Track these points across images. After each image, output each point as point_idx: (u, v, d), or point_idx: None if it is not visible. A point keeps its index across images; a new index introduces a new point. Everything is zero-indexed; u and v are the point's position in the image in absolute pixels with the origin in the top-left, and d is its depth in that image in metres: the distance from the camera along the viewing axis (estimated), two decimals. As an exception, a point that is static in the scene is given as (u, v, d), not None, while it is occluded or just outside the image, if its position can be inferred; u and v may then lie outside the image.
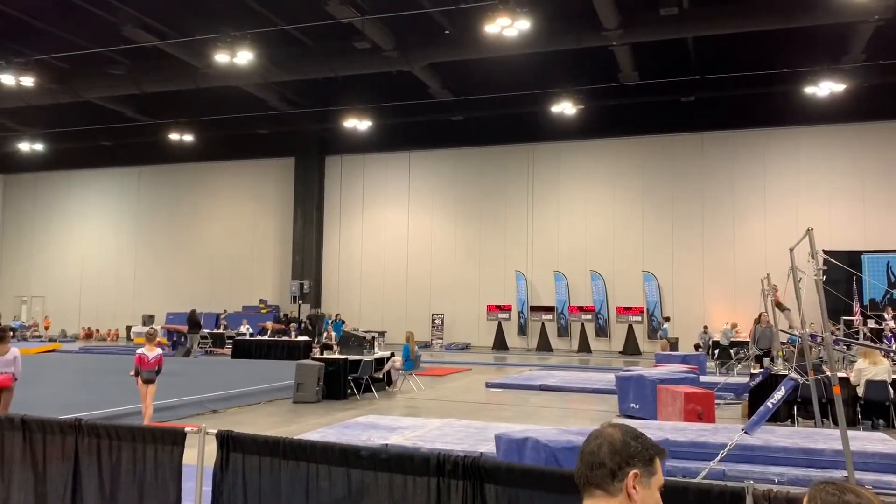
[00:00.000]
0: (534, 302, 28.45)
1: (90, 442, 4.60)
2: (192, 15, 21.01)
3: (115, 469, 4.55)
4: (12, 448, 4.79)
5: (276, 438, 4.39)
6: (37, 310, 35.74)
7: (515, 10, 17.54)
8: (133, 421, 8.99)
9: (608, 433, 1.82)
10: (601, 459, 1.78)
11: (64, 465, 4.66)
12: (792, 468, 7.72)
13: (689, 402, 10.34)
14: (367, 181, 31.60)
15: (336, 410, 12.48)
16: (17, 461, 4.79)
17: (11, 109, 28.22)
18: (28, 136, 31.76)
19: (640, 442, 1.81)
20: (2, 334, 8.58)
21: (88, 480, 4.60)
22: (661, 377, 12.15)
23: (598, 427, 1.88)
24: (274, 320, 28.67)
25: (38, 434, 4.75)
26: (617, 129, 27.57)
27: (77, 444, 4.63)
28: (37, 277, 36.68)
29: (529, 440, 6.43)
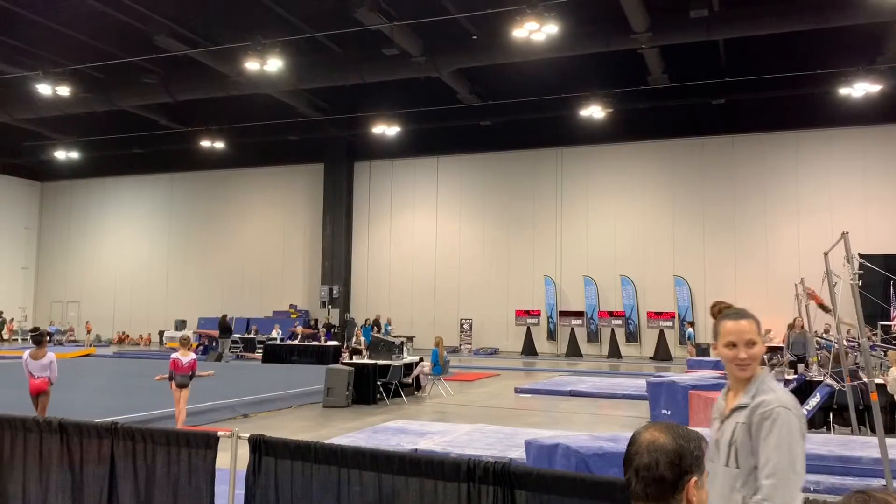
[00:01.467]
0: (563, 307, 28.31)
1: (126, 445, 4.68)
2: (223, 24, 21.30)
3: (150, 472, 4.61)
4: (50, 451, 4.89)
5: (308, 443, 4.42)
6: (72, 315, 36.39)
7: (543, 14, 17.52)
8: (167, 424, 9.10)
9: (660, 443, 1.72)
10: (660, 474, 1.70)
11: (100, 468, 4.74)
12: (828, 476, 7.58)
13: (721, 408, 10.19)
14: (395, 186, 31.73)
15: (366, 415, 12.53)
16: (54, 463, 4.88)
17: (48, 118, 28.84)
18: (64, 144, 32.41)
19: (691, 442, 1.74)
20: (39, 339, 8.76)
21: (124, 483, 4.67)
22: (693, 383, 12.01)
23: (641, 432, 1.80)
24: (303, 325, 28.91)
25: (75, 437, 4.84)
26: (646, 132, 27.36)
27: (113, 447, 4.70)
28: (72, 283, 37.38)
29: (560, 446, 6.40)
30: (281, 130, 29.64)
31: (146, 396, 13.25)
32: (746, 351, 2.57)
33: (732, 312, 2.68)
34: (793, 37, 20.12)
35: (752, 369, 2.57)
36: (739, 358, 2.57)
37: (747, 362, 2.56)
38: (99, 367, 21.17)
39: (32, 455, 4.93)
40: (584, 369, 22.17)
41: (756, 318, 2.67)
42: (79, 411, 10.12)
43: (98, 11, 20.24)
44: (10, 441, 5.03)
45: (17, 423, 5.05)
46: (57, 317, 36.16)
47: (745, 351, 2.57)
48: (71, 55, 23.23)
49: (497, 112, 26.54)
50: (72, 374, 17.11)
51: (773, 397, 2.43)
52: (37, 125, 30.34)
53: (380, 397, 14.07)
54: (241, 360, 25.05)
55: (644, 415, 12.57)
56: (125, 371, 19.55)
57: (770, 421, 2.38)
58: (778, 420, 2.36)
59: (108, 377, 17.93)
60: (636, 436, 1.78)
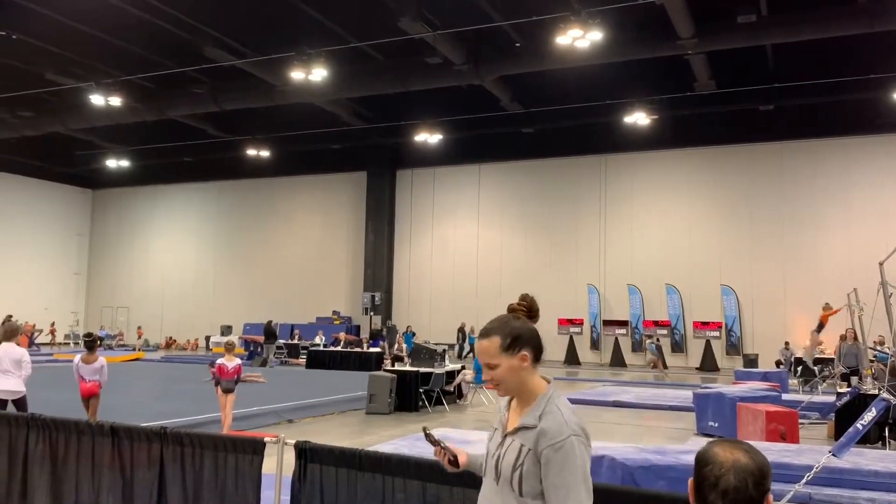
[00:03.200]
0: (606, 316, 27.99)
1: (174, 450, 4.75)
2: (269, 34, 21.64)
3: (197, 476, 4.67)
4: (102, 454, 4.98)
5: (353, 450, 4.44)
6: (121, 320, 37.25)
7: (587, 21, 17.42)
8: (212, 429, 9.23)
9: (744, 463, 1.69)
10: (750, 494, 1.68)
11: (150, 472, 4.82)
12: (884, 493, 7.32)
13: (771, 421, 9.97)
14: (437, 194, 31.81)
15: (408, 422, 12.54)
16: (106, 466, 4.97)
17: (100, 128, 29.65)
18: (115, 153, 33.27)
19: (764, 459, 1.73)
20: (91, 344, 8.96)
21: (172, 487, 4.74)
22: (742, 395, 11.76)
23: (717, 452, 1.75)
24: (346, 331, 29.13)
25: (125, 441, 4.93)
26: (692, 138, 26.98)
27: (162, 451, 4.78)
28: (122, 288, 38.28)
29: (605, 458, 6.31)
30: (325, 139, 29.99)
31: (193, 401, 13.48)
32: (488, 373, 2.34)
33: (483, 329, 2.40)
34: (843, 41, 19.65)
35: (506, 390, 2.34)
36: (488, 380, 2.36)
37: (496, 384, 2.34)
38: (147, 371, 21.60)
39: (85, 457, 5.04)
40: (628, 380, 21.88)
41: (507, 331, 2.34)
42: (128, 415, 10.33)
43: (148, 23, 20.74)
44: (64, 443, 5.14)
45: (70, 425, 5.17)
46: (107, 321, 37.05)
47: (486, 373, 2.35)
48: (122, 66, 23.86)
49: (540, 119, 26.45)
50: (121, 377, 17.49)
51: (560, 423, 2.19)
52: (89, 135, 31.22)
53: (422, 405, 14.07)
54: (286, 365, 25.33)
55: (690, 427, 12.35)
56: (172, 375, 19.92)
57: (563, 453, 2.14)
58: (571, 451, 2.14)
59: (156, 381, 18.28)
60: (711, 456, 1.73)
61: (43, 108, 28.18)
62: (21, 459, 5.29)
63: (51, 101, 27.41)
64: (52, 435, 5.21)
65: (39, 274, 36.58)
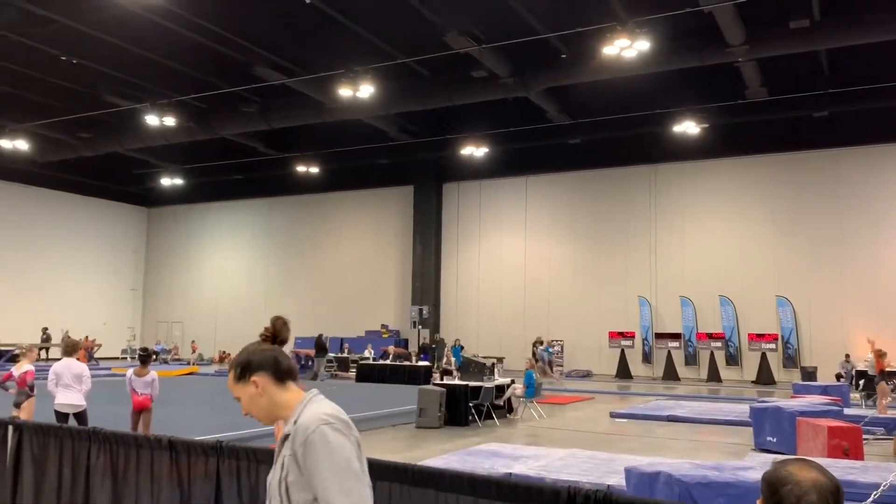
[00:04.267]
0: (658, 328, 27.53)
1: (230, 463, 4.79)
2: (317, 52, 22.01)
3: (253, 490, 4.71)
4: (160, 467, 5.07)
5: (405, 465, 4.42)
6: (176, 334, 38.06)
7: (635, 30, 17.28)
8: (265, 443, 9.33)
9: (823, 483, 1.67)
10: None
11: (206, 485, 4.88)
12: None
13: (833, 436, 9.63)
14: (483, 207, 31.79)
15: (458, 437, 12.48)
16: (164, 479, 5.05)
17: (155, 147, 30.50)
18: (169, 172, 34.17)
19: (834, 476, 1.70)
20: (145, 358, 9.16)
21: (229, 500, 4.79)
22: (801, 409, 11.39)
23: (792, 472, 1.71)
24: (395, 345, 29.24)
25: (183, 454, 5.00)
26: (744, 147, 26.46)
27: (219, 464, 4.83)
28: (176, 303, 39.15)
29: (662, 474, 6.17)
30: (372, 154, 30.30)
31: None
32: (245, 408, 2.28)
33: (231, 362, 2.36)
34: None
35: (259, 418, 2.28)
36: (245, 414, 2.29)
37: (249, 415, 2.28)
38: (201, 385, 21.99)
39: (144, 470, 5.13)
40: (682, 393, 21.44)
41: (236, 362, 2.34)
42: (184, 428, 10.51)
43: (201, 45, 21.30)
44: (124, 456, 5.25)
45: (130, 439, 5.28)
46: (162, 336, 37.90)
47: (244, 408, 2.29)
48: (176, 87, 24.54)
49: (587, 130, 26.27)
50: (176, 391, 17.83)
51: (309, 417, 2.09)
52: (144, 154, 32.14)
53: (472, 419, 14.00)
54: (336, 378, 25.52)
55: (747, 442, 12.02)
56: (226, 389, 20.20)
57: (314, 445, 2.03)
58: (322, 440, 2.03)
59: (210, 395, 18.59)
60: (787, 475, 1.68)
61: (101, 129, 29.13)
62: (83, 472, 5.42)
63: (108, 121, 28.32)
64: (113, 448, 5.32)
65: (98, 290, 37.67)
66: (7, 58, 23.20)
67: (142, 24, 20.01)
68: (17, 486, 5.76)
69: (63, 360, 8.66)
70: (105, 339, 32.42)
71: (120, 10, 19.15)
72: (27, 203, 34.57)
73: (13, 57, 23.18)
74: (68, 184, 35.55)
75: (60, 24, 20.39)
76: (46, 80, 25.18)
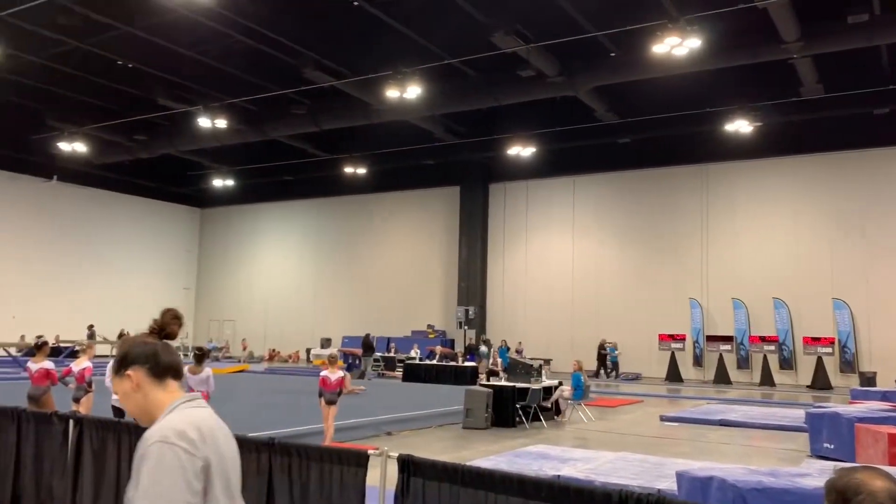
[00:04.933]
0: (710, 331, 27.00)
1: (282, 460, 4.86)
2: (366, 55, 22.19)
3: (304, 487, 4.76)
4: (214, 462, 5.15)
5: (455, 465, 4.42)
6: (227, 332, 38.78)
7: (686, 28, 16.98)
8: (315, 440, 9.44)
9: (888, 488, 1.61)
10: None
11: (259, 481, 4.95)
12: None
13: (894, 444, 9.32)
14: (530, 207, 31.63)
15: (505, 438, 12.44)
16: (218, 475, 5.13)
17: (207, 149, 31.15)
18: (221, 173, 34.84)
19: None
20: (201, 357, 9.35)
21: (280, 497, 4.85)
22: (860, 415, 11.05)
23: (864, 480, 1.65)
24: (441, 345, 29.29)
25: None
26: (800, 145, 25.78)
27: (271, 461, 4.90)
28: (228, 302, 39.90)
29: (715, 479, 6.04)
30: (419, 155, 30.41)
31: (296, 412, 13.84)
32: (122, 404, 2.13)
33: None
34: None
35: (133, 416, 2.14)
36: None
37: (130, 412, 2.15)
38: (252, 382, 22.36)
39: (198, 466, 5.22)
40: (734, 397, 21.01)
41: (116, 355, 2.21)
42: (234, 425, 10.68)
43: (252, 48, 21.66)
44: (179, 452, 5.35)
45: (185, 434, 5.38)
46: (214, 334, 38.66)
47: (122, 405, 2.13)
48: (228, 90, 25.01)
49: (636, 129, 25.92)
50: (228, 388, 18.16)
51: (157, 427, 1.96)
52: (197, 156, 32.84)
53: (519, 420, 13.94)
54: (382, 378, 25.69)
55: (802, 448, 11.71)
56: (276, 387, 20.53)
57: (143, 461, 1.89)
58: (150, 458, 1.88)
59: (261, 392, 18.89)
60: (859, 484, 1.62)
61: (155, 131, 29.87)
62: (140, 466, 5.54)
63: (163, 124, 29.01)
64: (168, 443, 5.43)
65: (152, 289, 38.56)
66: (67, 63, 23.95)
67: (195, 28, 20.44)
68: (77, 478, 5.93)
69: (120, 356, 8.87)
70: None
71: (174, 14, 19.59)
72: (85, 204, 35.61)
73: (73, 62, 23.93)
74: (124, 185, 36.52)
75: (118, 30, 20.97)
76: (104, 85, 25.92)
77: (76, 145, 28.31)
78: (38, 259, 33.55)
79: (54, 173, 33.39)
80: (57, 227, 34.42)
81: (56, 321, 31.21)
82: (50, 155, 30.60)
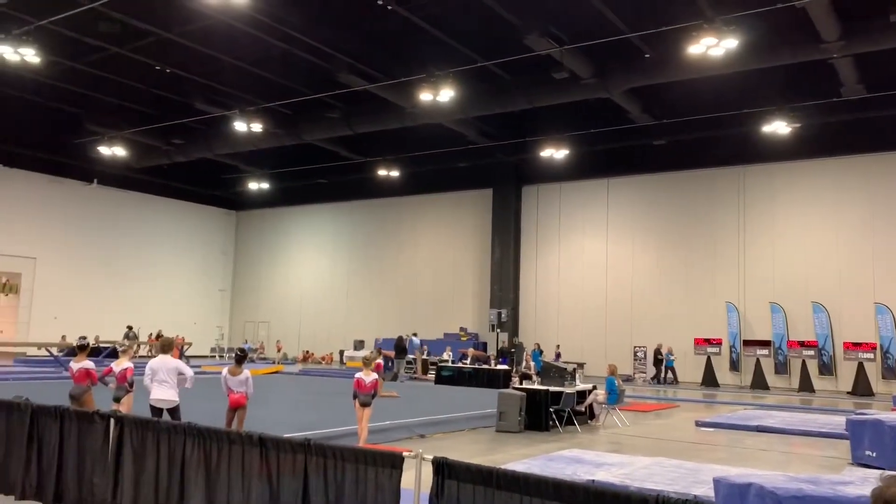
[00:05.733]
0: (747, 335, 26.56)
1: (318, 461, 4.90)
2: (399, 58, 22.30)
3: (339, 488, 4.80)
4: (251, 462, 5.22)
5: (490, 468, 4.41)
6: (262, 334, 39.21)
7: (722, 28, 16.76)
8: (349, 441, 9.49)
9: None
10: None
11: (294, 481, 5.00)
12: None
13: (940, 452, 9.08)
14: (563, 210, 31.45)
15: (538, 442, 12.38)
16: (254, 475, 5.21)
17: (243, 153, 31.56)
18: (256, 176, 35.26)
19: None
20: (241, 359, 9.47)
21: (316, 497, 4.89)
22: (904, 423, 10.79)
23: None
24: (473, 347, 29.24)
25: (272, 451, 5.14)
26: (840, 147, 25.26)
27: (306, 462, 4.94)
28: (263, 304, 40.34)
29: (753, 486, 5.94)
30: (452, 158, 30.45)
31: (330, 413, 13.93)
32: None
33: None
34: None
35: None
36: None
37: None
38: (286, 383, 22.56)
39: (236, 465, 5.30)
40: (772, 403, 20.64)
41: None
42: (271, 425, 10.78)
43: (288, 53, 21.91)
44: (216, 451, 5.44)
45: (222, 435, 5.46)
46: (249, 335, 39.11)
47: None
48: (263, 95, 25.32)
49: (671, 130, 25.64)
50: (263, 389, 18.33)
51: None
52: (233, 159, 33.29)
53: (552, 424, 13.86)
54: (415, 380, 25.73)
55: (843, 456, 11.47)
56: (310, 388, 20.68)
57: None
58: None
59: (296, 393, 19.05)
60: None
61: (192, 135, 30.35)
62: (179, 465, 5.64)
63: (199, 128, 29.45)
64: (206, 443, 5.52)
65: (188, 290, 39.21)
66: (107, 69, 24.46)
67: (231, 33, 20.73)
68: (118, 476, 6.04)
69: (159, 356, 9.04)
70: (195, 338, 33.68)
71: (211, 20, 19.89)
72: (124, 207, 36.30)
73: (112, 68, 24.43)
74: (161, 188, 37.16)
75: (156, 36, 21.36)
76: (142, 90, 26.42)
77: (116, 149, 28.87)
78: (79, 261, 34.29)
79: (95, 177, 34.13)
80: (97, 230, 35.14)
81: (96, 322, 31.86)
82: (90, 159, 31.27)
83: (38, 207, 32.85)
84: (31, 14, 18.94)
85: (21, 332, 31.93)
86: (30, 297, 32.66)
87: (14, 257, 31.98)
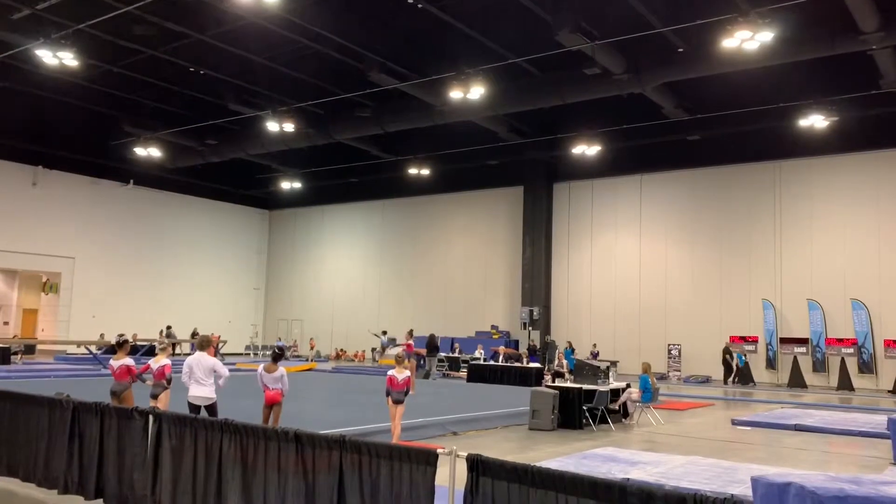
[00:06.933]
0: (784, 333, 26.13)
1: (353, 457, 4.92)
2: (429, 56, 22.31)
3: (374, 485, 4.82)
4: (287, 459, 5.27)
5: (525, 466, 4.40)
6: (295, 332, 39.56)
7: (757, 21, 16.49)
8: (382, 438, 9.53)
9: None
10: None
11: (330, 478, 5.03)
12: None
13: None
14: (595, 207, 31.21)
15: (572, 440, 12.32)
16: (290, 471, 5.25)
17: (275, 152, 31.85)
18: (288, 176, 35.59)
19: None
20: (278, 356, 9.56)
21: (351, 494, 4.92)
22: (948, 422, 10.54)
23: None
24: (505, 345, 29.19)
25: (308, 447, 5.18)
26: (879, 140, 24.69)
27: (341, 458, 4.97)
28: (296, 302, 40.71)
29: (793, 486, 5.83)
30: (482, 155, 30.40)
31: (363, 410, 14.01)
32: None
33: None
34: None
35: None
36: None
37: None
38: (320, 381, 22.73)
39: (272, 462, 5.36)
40: (810, 402, 20.29)
41: None
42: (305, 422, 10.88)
43: (319, 53, 22.06)
44: (253, 448, 5.50)
45: (259, 431, 5.52)
46: (283, 333, 39.49)
47: None
48: (295, 95, 25.53)
49: (705, 126, 25.31)
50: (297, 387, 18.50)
51: None
52: (265, 159, 33.62)
53: (585, 422, 13.78)
54: (447, 378, 25.77)
55: (885, 455, 11.23)
56: (343, 386, 20.83)
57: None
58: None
59: (329, 391, 19.19)
60: None
61: (226, 136, 30.72)
62: (216, 461, 5.71)
63: (233, 129, 29.81)
64: (243, 440, 5.58)
65: (223, 289, 39.71)
66: (142, 71, 24.86)
67: (263, 35, 20.94)
68: (157, 472, 6.14)
69: (196, 354, 9.16)
70: (229, 336, 34.11)
71: (243, 22, 20.11)
72: (160, 207, 36.87)
73: (147, 70, 24.82)
74: (196, 188, 37.68)
75: (190, 38, 21.65)
76: (176, 91, 26.80)
77: (151, 150, 29.34)
78: (116, 260, 34.91)
79: (131, 177, 34.71)
80: (133, 230, 35.74)
81: (132, 320, 32.39)
82: (127, 160, 31.83)
83: (77, 208, 33.51)
84: (70, 18, 19.33)
85: (61, 331, 32.62)
86: (69, 297, 33.33)
87: (54, 257, 32.67)
